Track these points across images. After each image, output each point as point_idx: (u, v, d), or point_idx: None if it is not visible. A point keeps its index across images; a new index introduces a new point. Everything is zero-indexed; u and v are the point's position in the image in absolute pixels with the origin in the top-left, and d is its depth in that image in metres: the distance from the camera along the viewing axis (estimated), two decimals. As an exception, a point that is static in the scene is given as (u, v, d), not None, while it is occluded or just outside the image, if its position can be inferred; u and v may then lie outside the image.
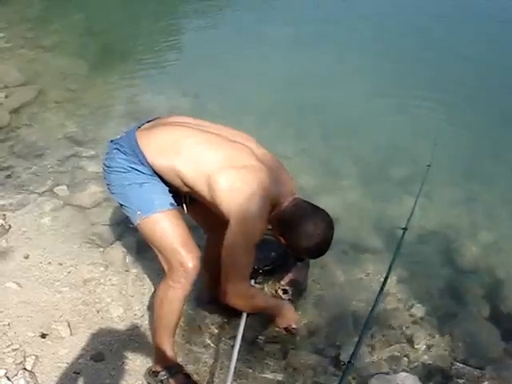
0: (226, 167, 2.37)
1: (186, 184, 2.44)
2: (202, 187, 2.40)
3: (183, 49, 7.38)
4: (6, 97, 5.32)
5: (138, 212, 2.45)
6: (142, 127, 2.59)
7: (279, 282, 2.97)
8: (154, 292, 2.86)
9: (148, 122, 2.65)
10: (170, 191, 2.52)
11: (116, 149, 2.50)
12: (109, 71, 6.29)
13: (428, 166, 3.53)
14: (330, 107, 5.54)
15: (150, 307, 3.02)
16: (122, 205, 2.53)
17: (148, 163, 2.43)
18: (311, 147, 4.87)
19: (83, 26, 7.68)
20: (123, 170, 2.47)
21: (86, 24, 7.77)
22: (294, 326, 2.78)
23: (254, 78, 6.09)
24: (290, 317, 2.75)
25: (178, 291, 2.47)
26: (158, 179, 2.48)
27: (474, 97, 5.91)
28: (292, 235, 2.44)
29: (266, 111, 5.21)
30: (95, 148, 4.65)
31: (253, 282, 2.70)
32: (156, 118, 2.69)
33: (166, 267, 2.50)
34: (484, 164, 4.88)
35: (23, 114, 5.11)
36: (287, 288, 2.95)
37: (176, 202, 2.55)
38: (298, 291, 2.99)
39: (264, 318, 3.09)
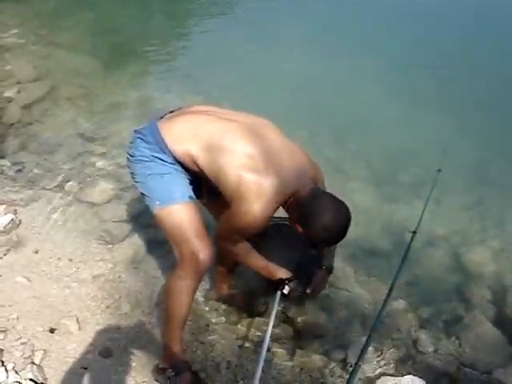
0: (240, 162, 2.36)
1: (201, 170, 2.46)
2: (213, 176, 2.43)
3: (194, 47, 7.36)
4: (18, 92, 5.31)
5: (157, 202, 2.48)
6: (165, 117, 2.63)
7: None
8: (164, 288, 2.86)
9: (171, 112, 2.69)
10: (191, 183, 2.55)
11: (139, 138, 2.54)
12: (120, 69, 6.29)
13: (438, 170, 3.53)
14: (342, 110, 5.54)
15: (159, 304, 3.04)
16: (142, 194, 2.58)
17: (169, 151, 2.46)
18: (322, 149, 4.83)
19: (95, 23, 7.69)
20: (146, 159, 2.51)
21: (98, 21, 7.77)
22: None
23: (267, 78, 6.09)
24: (280, 275, 2.73)
25: (187, 282, 2.49)
26: (180, 168, 2.51)
27: (485, 103, 5.90)
28: (310, 225, 2.44)
29: (277, 112, 5.15)
30: (106, 145, 4.67)
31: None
32: (179, 108, 2.72)
33: (178, 258, 2.52)
34: (494, 170, 4.89)
35: (35, 110, 5.12)
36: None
37: (196, 194, 2.57)
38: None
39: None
